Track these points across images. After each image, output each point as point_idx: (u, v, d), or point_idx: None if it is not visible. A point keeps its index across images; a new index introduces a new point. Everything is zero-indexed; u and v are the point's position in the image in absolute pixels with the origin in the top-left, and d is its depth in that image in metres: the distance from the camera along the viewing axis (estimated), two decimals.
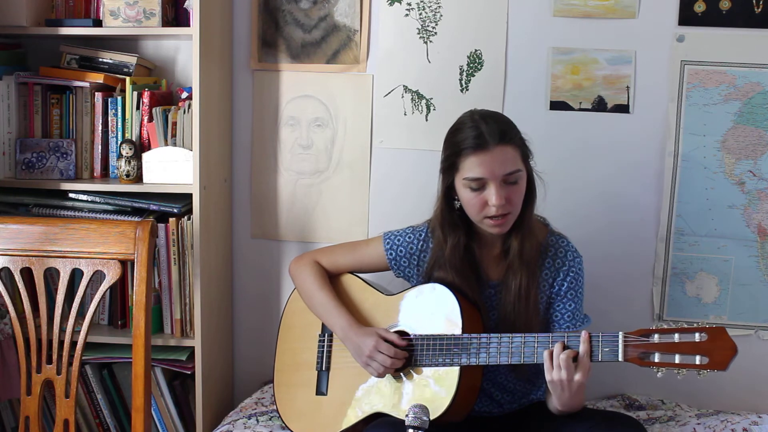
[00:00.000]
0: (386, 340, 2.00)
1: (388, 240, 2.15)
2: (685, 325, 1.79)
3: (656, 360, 1.77)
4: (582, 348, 1.82)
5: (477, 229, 2.04)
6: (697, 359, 1.74)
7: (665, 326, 1.79)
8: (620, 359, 1.80)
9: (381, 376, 2.01)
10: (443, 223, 2.04)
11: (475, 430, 2.07)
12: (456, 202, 2.02)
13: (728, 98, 2.39)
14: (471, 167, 1.91)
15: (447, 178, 2.00)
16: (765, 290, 2.44)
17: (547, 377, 1.84)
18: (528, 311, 1.99)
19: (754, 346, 2.43)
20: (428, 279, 2.08)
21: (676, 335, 1.76)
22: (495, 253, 2.07)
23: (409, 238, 2.13)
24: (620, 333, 1.80)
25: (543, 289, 2.04)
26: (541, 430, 2.02)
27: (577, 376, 1.81)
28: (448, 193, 2.02)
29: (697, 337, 1.74)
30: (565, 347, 1.83)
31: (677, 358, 1.75)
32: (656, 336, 1.77)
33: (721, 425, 2.24)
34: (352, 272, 2.20)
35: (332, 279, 2.19)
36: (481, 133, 1.91)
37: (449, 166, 1.98)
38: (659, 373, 1.78)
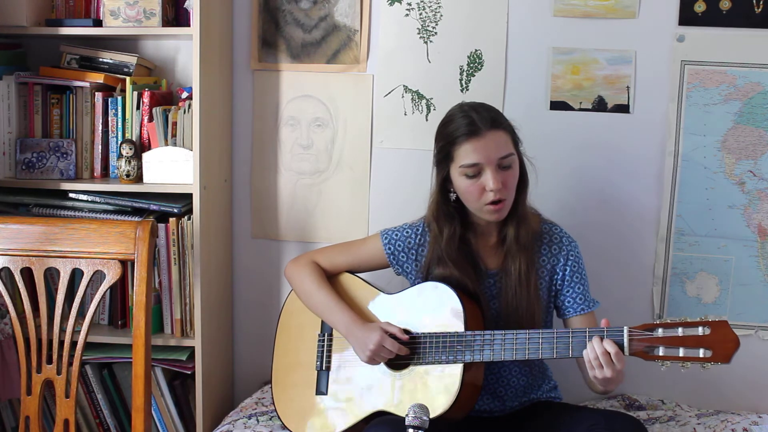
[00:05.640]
0: (390, 335, 2.00)
1: (385, 236, 2.16)
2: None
3: (661, 354, 1.79)
4: (610, 346, 1.81)
5: (472, 220, 2.07)
6: (701, 352, 1.76)
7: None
8: (626, 353, 1.82)
9: None
10: (438, 216, 2.06)
11: (475, 431, 2.07)
12: (452, 194, 2.05)
13: (728, 98, 2.39)
14: (466, 154, 1.96)
15: (442, 170, 2.04)
16: (765, 290, 2.44)
17: (599, 375, 1.82)
18: (530, 296, 2.02)
19: (755, 346, 2.43)
20: (427, 275, 2.09)
21: (680, 329, 1.78)
22: (492, 242, 2.09)
23: (407, 233, 2.15)
24: (625, 327, 1.82)
25: (542, 275, 2.07)
26: (541, 430, 2.03)
27: (619, 366, 1.81)
28: (444, 185, 2.05)
29: (700, 330, 1.77)
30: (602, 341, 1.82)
31: (681, 352, 1.77)
32: (660, 330, 1.79)
33: (721, 425, 2.24)
34: (350, 271, 2.20)
35: (330, 279, 2.19)
36: (473, 120, 1.96)
37: (444, 158, 2.02)
38: (663, 367, 1.80)
